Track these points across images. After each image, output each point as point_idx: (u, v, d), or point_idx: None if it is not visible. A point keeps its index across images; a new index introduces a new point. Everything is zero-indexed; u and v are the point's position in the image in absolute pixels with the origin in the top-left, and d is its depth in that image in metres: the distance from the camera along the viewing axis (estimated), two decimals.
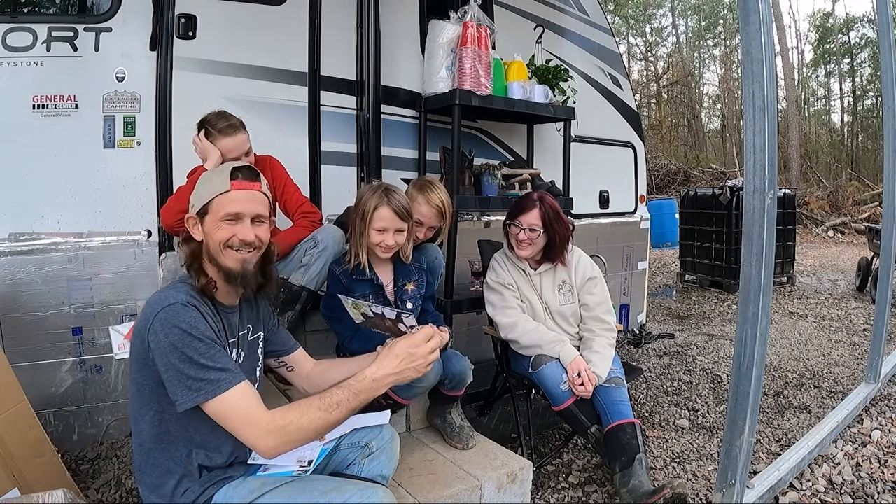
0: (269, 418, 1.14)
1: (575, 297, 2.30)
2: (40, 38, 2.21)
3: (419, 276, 2.05)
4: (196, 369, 1.13)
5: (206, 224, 1.29)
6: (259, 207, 1.31)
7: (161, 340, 1.14)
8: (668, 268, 8.22)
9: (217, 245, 1.27)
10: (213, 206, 1.28)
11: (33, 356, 2.20)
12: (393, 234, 1.89)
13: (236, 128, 2.13)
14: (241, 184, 1.29)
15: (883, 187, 3.08)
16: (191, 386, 1.13)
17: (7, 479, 1.65)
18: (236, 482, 1.26)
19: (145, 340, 1.16)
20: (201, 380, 1.14)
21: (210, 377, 1.14)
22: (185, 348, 1.14)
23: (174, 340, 1.14)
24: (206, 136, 2.11)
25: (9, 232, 2.19)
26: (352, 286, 1.94)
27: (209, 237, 1.29)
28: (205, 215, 1.29)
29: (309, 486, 1.24)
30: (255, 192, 1.31)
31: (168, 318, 1.15)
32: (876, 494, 2.12)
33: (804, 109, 19.47)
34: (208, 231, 1.29)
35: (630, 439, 1.94)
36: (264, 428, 1.13)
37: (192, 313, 1.18)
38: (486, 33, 2.71)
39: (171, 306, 1.17)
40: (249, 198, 1.30)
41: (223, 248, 1.27)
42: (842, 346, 4.14)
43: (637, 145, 4.18)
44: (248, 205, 1.29)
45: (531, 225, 2.17)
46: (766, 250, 1.66)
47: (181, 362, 1.13)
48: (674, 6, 21.67)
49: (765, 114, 1.62)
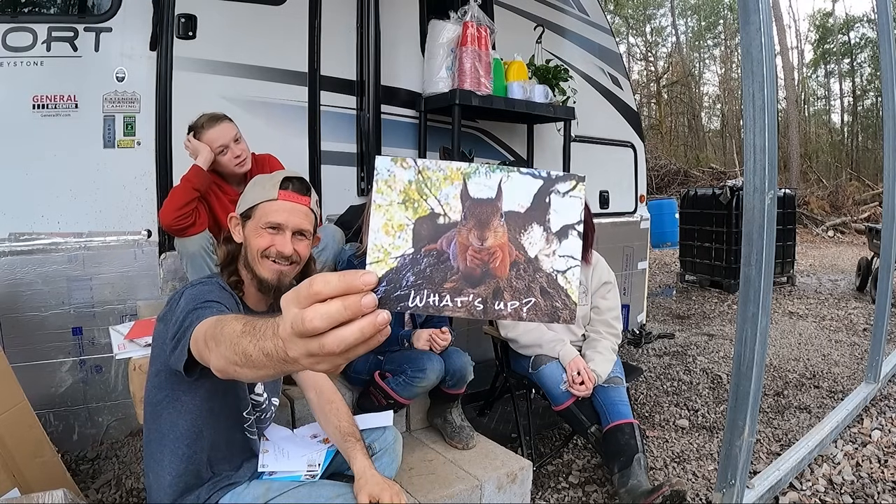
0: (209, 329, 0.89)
1: (588, 299, 2.30)
2: (40, 38, 2.20)
3: None
4: (190, 315, 1.04)
5: (248, 228, 1.29)
6: (303, 222, 1.29)
7: (181, 304, 1.11)
8: (668, 268, 8.21)
9: (255, 252, 1.27)
10: (258, 212, 1.27)
11: (33, 356, 2.20)
12: None
13: (218, 118, 2.13)
14: (289, 195, 1.28)
15: (883, 187, 3.08)
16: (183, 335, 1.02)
17: (7, 479, 1.65)
18: (241, 487, 1.26)
19: (169, 321, 1.13)
20: (188, 326, 1.01)
21: (194, 318, 1.02)
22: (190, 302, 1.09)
23: (186, 301, 1.11)
24: (194, 136, 2.12)
25: (9, 232, 2.19)
26: None
27: (248, 241, 1.28)
28: (248, 219, 1.29)
29: (315, 492, 1.24)
30: (301, 206, 1.29)
31: (199, 289, 1.16)
32: (876, 494, 2.12)
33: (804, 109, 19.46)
34: (248, 235, 1.28)
35: (629, 439, 1.94)
36: (204, 339, 0.88)
37: (216, 289, 1.18)
38: (486, 33, 2.72)
39: (201, 284, 1.19)
40: (294, 210, 1.28)
41: (260, 257, 1.26)
42: (842, 346, 4.14)
43: (637, 145, 4.18)
44: (291, 217, 1.27)
45: None
46: (766, 250, 1.66)
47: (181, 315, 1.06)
48: (674, 6, 21.66)
49: (765, 114, 1.62)
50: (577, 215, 0.56)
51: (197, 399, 1.20)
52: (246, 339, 0.66)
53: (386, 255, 0.51)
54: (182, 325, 1.04)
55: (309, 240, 1.32)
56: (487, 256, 0.53)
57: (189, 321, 1.02)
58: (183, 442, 1.21)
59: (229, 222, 1.33)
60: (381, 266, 0.51)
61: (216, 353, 0.77)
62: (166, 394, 1.20)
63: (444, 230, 0.53)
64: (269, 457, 1.38)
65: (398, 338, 1.93)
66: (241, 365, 0.68)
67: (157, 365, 1.20)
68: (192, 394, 1.20)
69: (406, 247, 0.52)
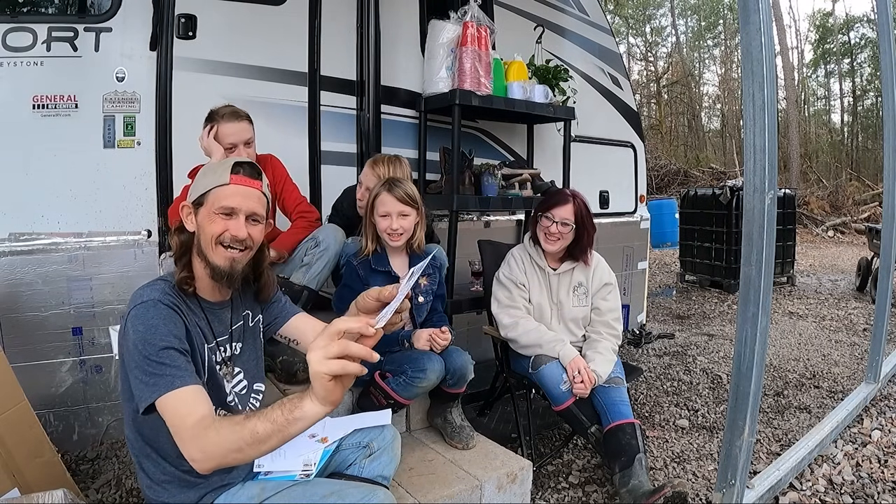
0: (197, 423, 1.03)
1: (589, 300, 2.30)
2: (40, 38, 2.20)
3: (433, 272, 2.08)
4: (151, 367, 1.09)
5: (200, 215, 1.26)
6: (256, 206, 1.28)
7: (130, 337, 1.12)
8: (668, 268, 8.21)
9: (208, 238, 1.24)
10: (210, 198, 1.25)
11: (33, 356, 2.20)
12: (396, 217, 1.95)
13: (240, 116, 2.13)
14: (241, 179, 1.26)
15: (883, 187, 3.08)
16: (144, 387, 1.09)
17: (7, 479, 1.65)
18: (236, 488, 1.25)
19: (123, 343, 1.15)
20: (154, 379, 1.08)
21: (150, 378, 1.09)
22: (146, 347, 1.10)
23: (137, 339, 1.11)
24: (209, 121, 2.11)
25: (9, 232, 2.19)
26: (368, 277, 1.97)
27: (201, 229, 1.26)
28: (200, 206, 1.26)
29: (309, 491, 1.23)
30: (253, 190, 1.28)
31: (137, 316, 1.14)
32: (876, 494, 2.12)
33: (804, 109, 19.46)
34: (201, 223, 1.26)
35: (630, 439, 1.94)
36: (190, 433, 1.03)
37: (161, 311, 1.16)
38: (486, 33, 2.72)
39: (143, 304, 1.16)
40: (247, 194, 1.27)
41: (214, 244, 1.24)
42: (842, 346, 4.14)
43: (637, 145, 4.18)
44: (244, 201, 1.26)
45: (564, 219, 2.18)
46: (766, 250, 1.66)
47: (142, 360, 1.10)
48: (674, 6, 21.66)
49: (765, 114, 1.62)
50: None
51: None
52: (265, 447, 0.97)
53: None
54: (137, 369, 1.10)
55: (262, 224, 1.31)
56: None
57: (143, 376, 1.09)
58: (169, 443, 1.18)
59: (181, 211, 1.29)
60: None
61: (204, 459, 1.01)
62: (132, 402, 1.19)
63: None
64: (265, 456, 1.38)
65: (398, 338, 1.92)
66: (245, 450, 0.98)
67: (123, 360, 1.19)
68: None
69: None
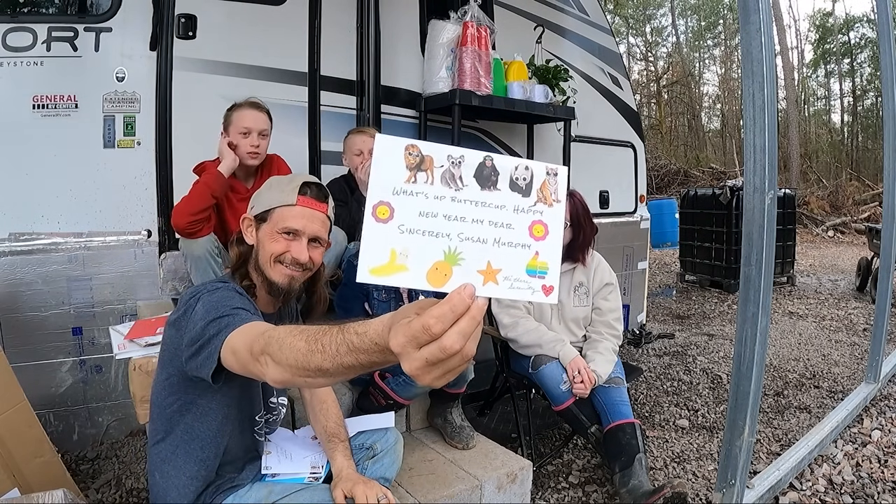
0: (259, 339, 0.90)
1: (590, 300, 2.30)
2: (40, 38, 2.20)
3: None
4: (219, 316, 1.03)
5: (263, 231, 1.26)
6: (319, 229, 1.28)
7: (198, 308, 1.08)
8: (668, 268, 8.21)
9: (268, 256, 1.25)
10: (274, 216, 1.25)
11: (33, 356, 2.20)
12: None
13: (259, 107, 2.13)
14: (309, 201, 1.25)
15: (883, 187, 3.08)
16: (207, 345, 1.01)
17: (7, 479, 1.65)
18: (244, 489, 1.25)
19: (183, 327, 1.10)
20: (213, 336, 1.01)
21: (220, 326, 1.01)
22: (215, 308, 1.05)
23: (211, 305, 1.07)
24: (229, 110, 2.12)
25: (9, 232, 2.19)
26: None
27: (262, 245, 1.26)
28: (263, 222, 1.26)
29: (316, 495, 1.24)
30: (318, 213, 1.27)
31: (211, 293, 1.12)
32: (876, 494, 2.12)
33: (804, 109, 19.46)
34: (262, 239, 1.26)
35: (630, 439, 1.94)
36: (257, 353, 0.89)
37: (237, 295, 1.15)
38: (486, 33, 2.71)
39: (219, 289, 1.14)
40: (312, 217, 1.26)
41: (273, 262, 1.25)
42: (842, 346, 4.14)
43: (637, 145, 4.18)
44: (309, 224, 1.25)
45: None
46: (766, 250, 1.66)
47: (205, 322, 1.03)
48: (674, 6, 21.65)
49: (765, 114, 1.62)
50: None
51: (213, 404, 1.19)
52: (317, 356, 0.73)
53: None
54: (205, 332, 1.02)
55: (323, 247, 1.31)
56: None
57: (215, 329, 1.01)
58: (199, 445, 1.20)
59: (242, 223, 1.30)
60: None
61: (275, 369, 0.81)
62: (181, 398, 1.18)
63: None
64: (272, 458, 1.38)
65: None
66: (314, 376, 0.76)
67: (168, 370, 1.18)
68: (209, 398, 1.19)
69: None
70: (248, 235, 1.28)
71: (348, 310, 1.98)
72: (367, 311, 2.00)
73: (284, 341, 0.80)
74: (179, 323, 1.13)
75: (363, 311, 1.99)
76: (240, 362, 0.93)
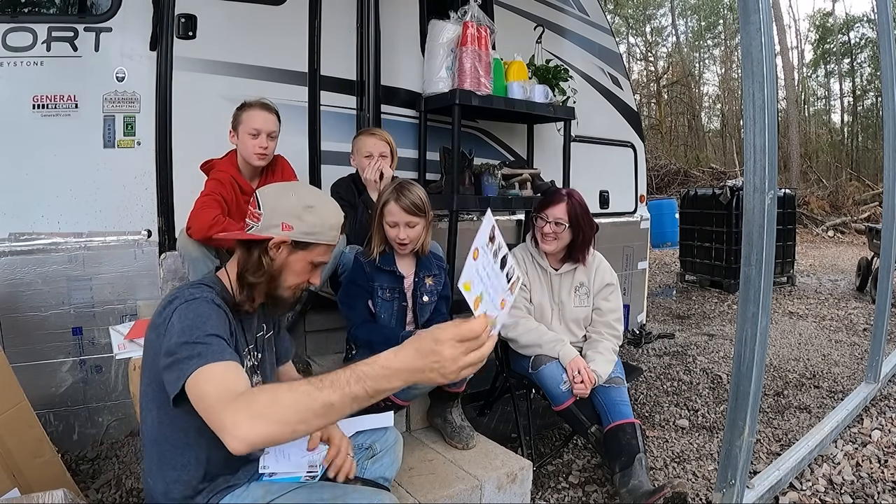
0: (242, 394, 0.96)
1: (590, 300, 2.30)
2: (40, 38, 2.20)
3: (439, 272, 2.08)
4: (192, 345, 1.04)
5: (296, 257, 1.25)
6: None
7: (174, 324, 1.09)
8: (668, 268, 8.21)
9: (295, 282, 1.26)
10: (316, 250, 1.26)
11: (33, 356, 2.20)
12: (403, 227, 1.93)
13: (269, 109, 2.16)
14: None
15: (883, 187, 3.08)
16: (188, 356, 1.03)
17: (7, 479, 1.65)
18: (241, 489, 1.25)
19: (159, 326, 1.12)
20: (194, 349, 1.04)
21: (192, 353, 1.03)
22: (193, 332, 1.06)
23: (186, 325, 1.08)
24: (238, 109, 2.13)
25: (9, 232, 2.19)
26: (374, 275, 1.97)
27: (289, 268, 1.25)
28: (300, 249, 1.24)
29: (314, 494, 1.23)
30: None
31: (190, 307, 1.12)
32: (876, 494, 2.12)
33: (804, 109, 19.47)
34: (292, 263, 1.25)
35: (630, 439, 1.94)
36: (232, 406, 0.92)
37: (213, 308, 1.14)
38: (486, 33, 2.71)
39: (195, 300, 1.14)
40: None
41: (295, 286, 1.28)
42: (842, 346, 4.14)
43: (637, 145, 4.18)
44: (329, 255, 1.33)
45: (557, 219, 2.18)
46: (766, 250, 1.66)
47: (179, 344, 1.05)
48: (674, 6, 21.66)
49: (765, 114, 1.62)
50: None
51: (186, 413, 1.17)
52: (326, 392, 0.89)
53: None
54: (178, 351, 1.05)
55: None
56: None
57: (186, 353, 1.03)
58: (185, 446, 1.20)
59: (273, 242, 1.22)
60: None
61: (251, 426, 0.90)
62: (157, 402, 1.18)
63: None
64: (270, 458, 1.37)
65: (399, 339, 1.92)
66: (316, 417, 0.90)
67: (150, 374, 1.18)
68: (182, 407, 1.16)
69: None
70: (278, 253, 1.24)
71: (352, 307, 1.98)
72: (371, 309, 2.00)
73: (278, 397, 0.91)
74: (158, 329, 1.13)
75: (367, 310, 1.99)
76: (203, 408, 0.98)
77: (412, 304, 2.03)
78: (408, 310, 2.03)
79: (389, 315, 2.00)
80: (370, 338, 1.88)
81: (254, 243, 1.24)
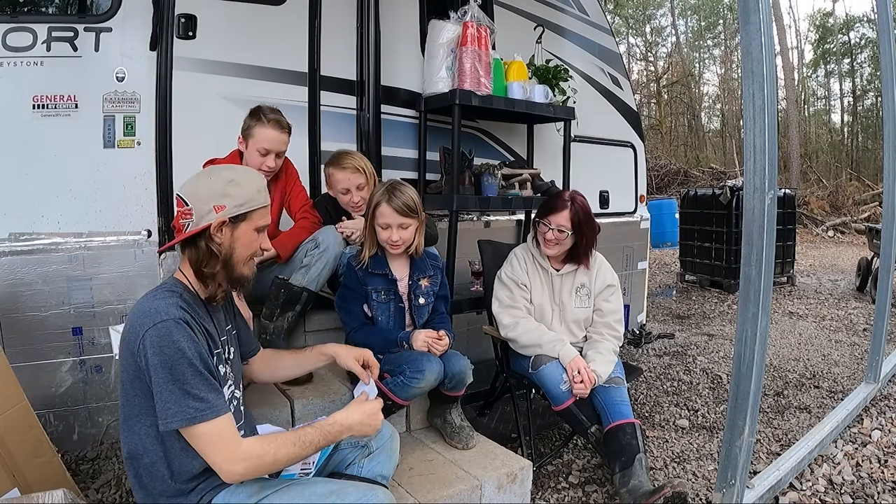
0: (247, 446, 1.17)
1: (591, 301, 2.30)
2: (40, 38, 2.20)
3: (434, 273, 2.07)
4: (183, 395, 1.13)
5: (240, 231, 1.28)
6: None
7: (151, 358, 1.13)
8: (668, 268, 8.21)
9: (247, 254, 1.29)
10: (254, 216, 1.29)
11: (33, 356, 2.20)
12: (396, 229, 1.92)
13: (283, 127, 2.16)
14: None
15: (883, 187, 3.08)
16: (177, 411, 1.13)
17: (7, 479, 1.65)
18: (235, 486, 1.25)
19: (135, 354, 1.15)
20: (188, 405, 1.13)
21: (195, 405, 1.14)
22: (175, 372, 1.13)
23: (164, 361, 1.13)
24: (252, 118, 2.14)
25: (9, 232, 2.19)
26: (366, 279, 1.97)
27: (238, 243, 1.28)
28: (240, 222, 1.28)
29: (308, 489, 1.23)
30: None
31: (160, 336, 1.14)
32: (876, 494, 2.12)
33: (804, 109, 19.47)
34: (239, 238, 1.27)
35: (630, 439, 1.94)
36: (239, 454, 1.15)
37: (183, 332, 1.16)
38: (486, 33, 2.71)
39: (164, 323, 1.14)
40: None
41: (248, 259, 1.29)
42: (842, 346, 4.14)
43: (637, 145, 4.18)
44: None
45: (560, 226, 2.17)
46: (766, 250, 1.66)
47: (171, 384, 1.13)
48: (674, 6, 21.67)
49: (765, 114, 1.62)
50: None
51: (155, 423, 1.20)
52: (307, 451, 1.24)
53: None
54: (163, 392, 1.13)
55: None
56: None
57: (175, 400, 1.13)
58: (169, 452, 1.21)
59: (215, 228, 1.25)
60: None
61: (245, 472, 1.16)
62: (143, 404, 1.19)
63: None
64: None
65: (398, 339, 1.93)
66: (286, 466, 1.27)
67: (125, 376, 1.20)
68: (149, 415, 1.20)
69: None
70: (221, 235, 1.26)
71: (349, 311, 1.98)
72: (367, 312, 2.00)
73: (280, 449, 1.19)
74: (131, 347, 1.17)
75: (363, 313, 1.99)
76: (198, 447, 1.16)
77: (409, 306, 2.03)
78: (405, 311, 2.03)
79: (387, 317, 2.00)
80: (368, 341, 1.87)
81: (197, 237, 1.26)
